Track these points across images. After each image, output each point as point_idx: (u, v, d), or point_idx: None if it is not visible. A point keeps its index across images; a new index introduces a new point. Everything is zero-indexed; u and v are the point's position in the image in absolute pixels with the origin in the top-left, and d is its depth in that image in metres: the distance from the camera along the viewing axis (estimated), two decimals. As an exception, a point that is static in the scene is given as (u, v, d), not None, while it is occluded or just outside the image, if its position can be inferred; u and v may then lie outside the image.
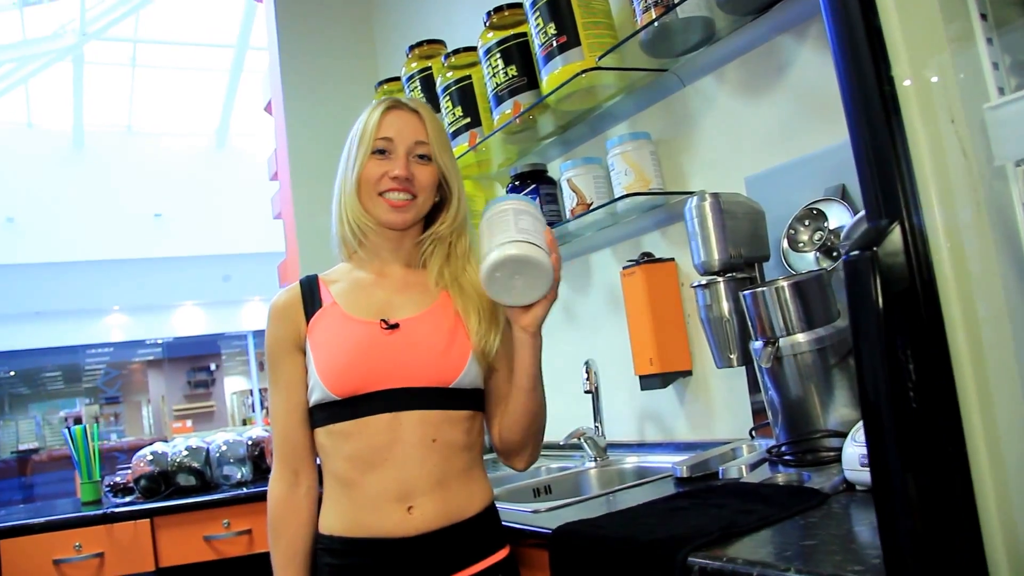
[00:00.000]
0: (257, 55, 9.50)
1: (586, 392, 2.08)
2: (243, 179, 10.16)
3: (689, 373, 1.96)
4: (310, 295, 1.36)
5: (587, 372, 2.08)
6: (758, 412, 1.69)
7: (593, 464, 2.05)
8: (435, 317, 1.32)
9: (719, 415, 1.92)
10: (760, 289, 1.39)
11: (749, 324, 1.44)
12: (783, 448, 1.42)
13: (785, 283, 1.38)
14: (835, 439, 1.35)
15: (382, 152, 1.34)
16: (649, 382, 1.97)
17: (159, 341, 13.91)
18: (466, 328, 1.31)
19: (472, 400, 1.32)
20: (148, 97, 10.89)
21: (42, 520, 2.46)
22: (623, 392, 2.16)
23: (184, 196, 10.85)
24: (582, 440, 2.05)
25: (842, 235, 1.33)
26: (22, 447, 12.09)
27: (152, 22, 9.98)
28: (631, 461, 2.02)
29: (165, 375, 15.19)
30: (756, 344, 1.41)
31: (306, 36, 3.33)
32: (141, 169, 10.74)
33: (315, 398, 1.30)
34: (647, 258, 1.97)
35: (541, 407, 1.34)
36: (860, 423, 1.27)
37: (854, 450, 1.23)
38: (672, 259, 1.98)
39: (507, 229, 1.21)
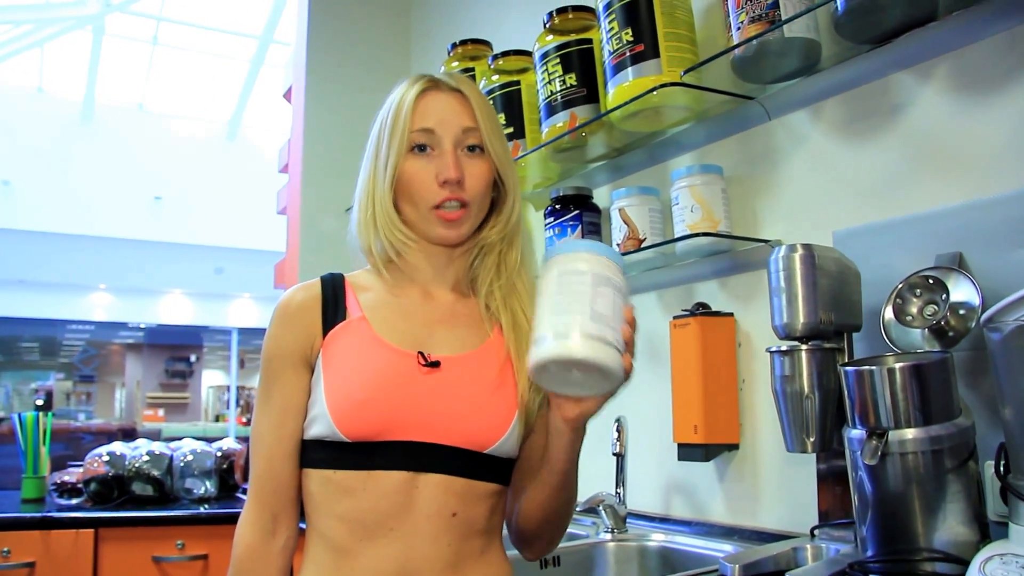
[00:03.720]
0: (280, 50, 9.31)
1: (614, 454, 1.81)
2: (250, 173, 9.95)
3: (735, 447, 1.70)
4: (333, 300, 1.08)
5: (617, 432, 1.80)
6: (823, 507, 1.43)
7: (609, 536, 1.78)
8: (482, 360, 1.06)
9: (767, 501, 1.65)
10: (868, 368, 1.13)
11: (847, 407, 1.17)
12: (871, 564, 1.15)
13: (899, 365, 1.12)
14: (944, 564, 1.08)
15: (422, 148, 1.06)
16: (689, 452, 1.69)
17: (141, 325, 13.62)
18: (515, 377, 1.05)
19: (503, 474, 1.06)
20: (164, 78, 10.66)
21: (-32, 518, 2.16)
22: (653, 458, 1.88)
23: (187, 182, 10.59)
24: (600, 507, 1.78)
25: (982, 319, 1.06)
26: (-12, 414, 11.72)
27: (178, 2, 9.78)
28: (655, 539, 1.75)
29: (143, 360, 14.93)
30: (854, 433, 1.15)
31: (338, 19, 3.08)
32: (148, 149, 10.49)
33: (315, 432, 1.02)
34: (703, 310, 1.71)
35: (565, 505, 1.08)
36: (988, 549, 1.01)
37: (982, 588, 0.96)
38: (731, 314, 1.72)
39: (578, 307, 0.90)
